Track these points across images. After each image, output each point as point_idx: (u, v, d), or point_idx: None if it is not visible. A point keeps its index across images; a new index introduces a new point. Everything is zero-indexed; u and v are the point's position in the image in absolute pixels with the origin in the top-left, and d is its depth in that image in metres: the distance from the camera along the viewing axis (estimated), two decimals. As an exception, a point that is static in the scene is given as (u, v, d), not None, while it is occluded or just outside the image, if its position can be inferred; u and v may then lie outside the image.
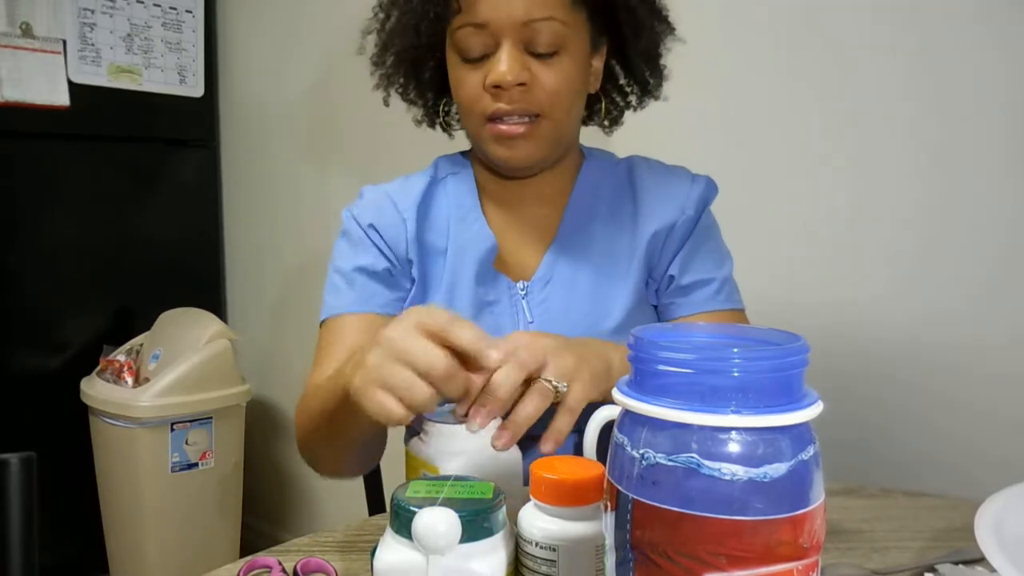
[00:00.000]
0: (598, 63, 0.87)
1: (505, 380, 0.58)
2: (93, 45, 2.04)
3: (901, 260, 1.10)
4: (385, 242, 0.89)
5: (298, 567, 0.62)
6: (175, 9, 2.18)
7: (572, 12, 0.79)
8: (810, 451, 0.36)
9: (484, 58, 0.79)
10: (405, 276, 0.89)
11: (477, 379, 0.58)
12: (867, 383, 1.13)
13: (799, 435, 0.36)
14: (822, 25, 1.16)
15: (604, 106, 0.93)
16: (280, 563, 0.62)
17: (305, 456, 0.84)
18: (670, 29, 0.89)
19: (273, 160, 2.23)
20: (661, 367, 0.37)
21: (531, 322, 0.86)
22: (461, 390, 0.57)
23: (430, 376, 0.55)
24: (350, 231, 0.91)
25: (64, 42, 1.98)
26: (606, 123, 0.96)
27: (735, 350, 0.36)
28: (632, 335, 0.40)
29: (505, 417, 0.61)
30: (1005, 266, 1.02)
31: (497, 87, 0.78)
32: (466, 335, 0.57)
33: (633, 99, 0.94)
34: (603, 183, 0.91)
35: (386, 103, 0.92)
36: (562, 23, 0.78)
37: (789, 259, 1.21)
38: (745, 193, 1.22)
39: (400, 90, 0.92)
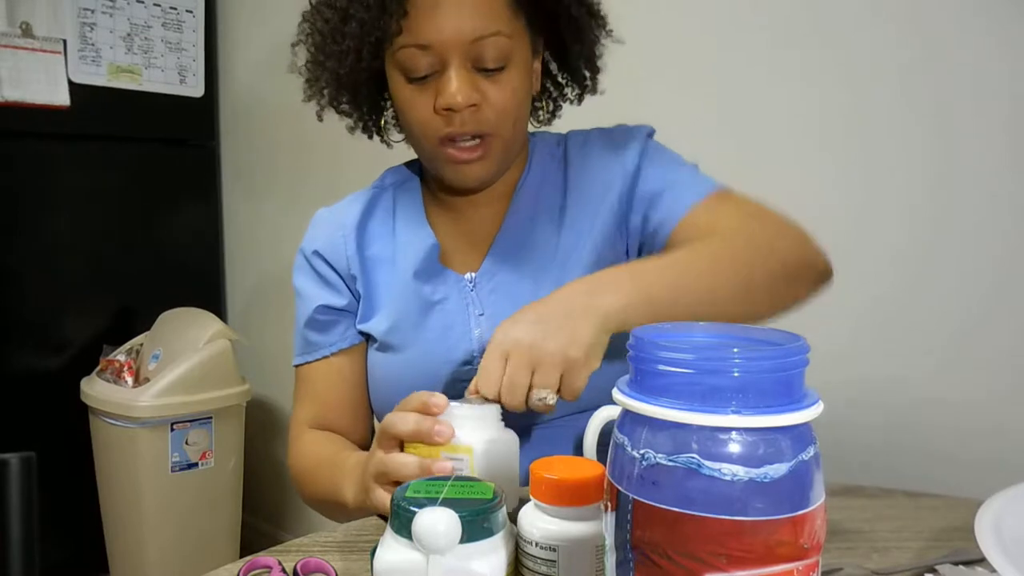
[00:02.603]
0: (537, 64, 0.86)
1: (510, 406, 0.66)
2: (93, 45, 2.04)
3: (903, 259, 1.10)
4: (329, 264, 0.90)
5: (298, 567, 0.62)
6: (175, 9, 2.18)
7: (513, 22, 0.79)
8: (810, 451, 0.36)
9: (430, 77, 0.78)
10: (352, 292, 0.90)
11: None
12: (867, 382, 1.13)
13: (799, 435, 0.36)
14: (822, 23, 1.16)
15: (544, 105, 0.93)
16: (280, 563, 0.62)
17: (304, 501, 0.91)
18: (607, 31, 0.88)
19: (273, 160, 2.23)
20: (661, 367, 0.37)
21: (481, 314, 0.85)
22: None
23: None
24: (300, 267, 0.93)
25: (64, 42, 1.98)
26: (546, 118, 0.95)
27: (735, 350, 0.36)
28: (632, 335, 0.40)
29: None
30: (1009, 265, 1.02)
31: (449, 110, 0.77)
32: (409, 428, 0.64)
33: (569, 91, 0.93)
34: (548, 168, 0.91)
35: (319, 117, 0.90)
36: (507, 36, 0.77)
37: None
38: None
39: (334, 103, 0.89)
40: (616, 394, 0.39)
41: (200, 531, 1.88)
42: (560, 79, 0.93)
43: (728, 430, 0.35)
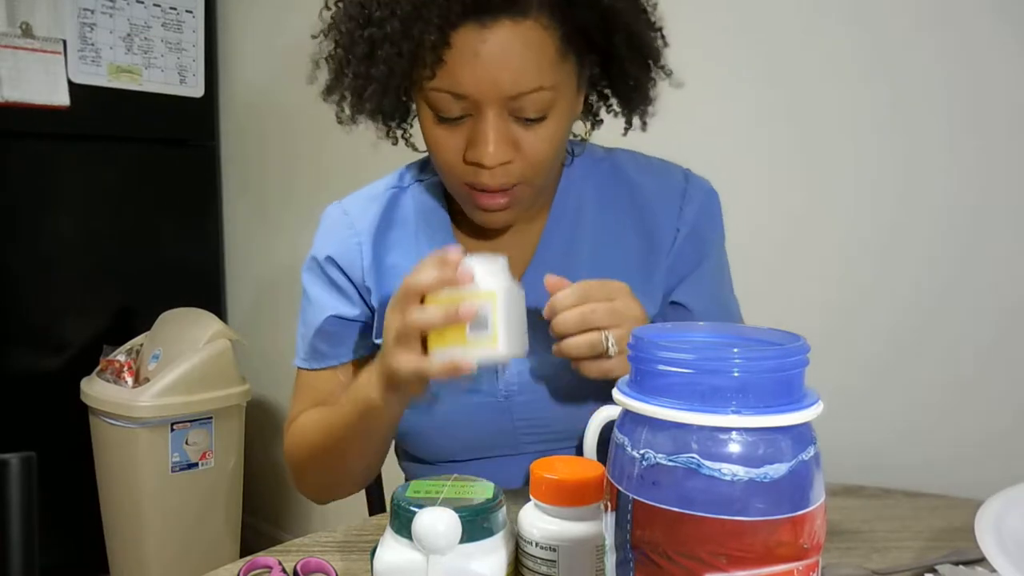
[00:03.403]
0: (583, 88, 0.78)
1: (564, 323, 0.68)
2: (93, 45, 2.04)
3: (904, 259, 1.10)
4: (344, 272, 0.85)
5: (298, 567, 0.62)
6: (175, 9, 2.18)
7: (560, 68, 0.70)
8: (810, 451, 0.36)
9: (462, 119, 0.71)
10: (366, 303, 0.86)
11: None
12: (868, 383, 1.13)
13: (799, 435, 0.36)
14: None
15: (585, 120, 0.87)
16: (280, 563, 0.62)
17: (304, 484, 0.89)
18: (665, 72, 0.80)
19: (273, 160, 2.23)
20: (661, 367, 0.37)
21: None
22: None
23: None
24: (311, 270, 0.88)
25: (64, 42, 1.98)
26: (585, 132, 0.89)
27: (735, 350, 0.36)
28: (632, 335, 0.40)
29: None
30: (1006, 265, 1.02)
31: (479, 165, 0.72)
32: (430, 277, 0.65)
33: (615, 103, 0.85)
34: (586, 187, 0.86)
35: (339, 119, 0.81)
36: (551, 90, 0.70)
37: (788, 258, 1.21)
38: (742, 191, 1.22)
39: (355, 110, 0.80)
40: (616, 394, 0.39)
41: (200, 531, 1.88)
42: (606, 91, 0.84)
43: (728, 430, 0.35)
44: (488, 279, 0.66)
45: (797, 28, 1.18)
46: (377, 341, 0.85)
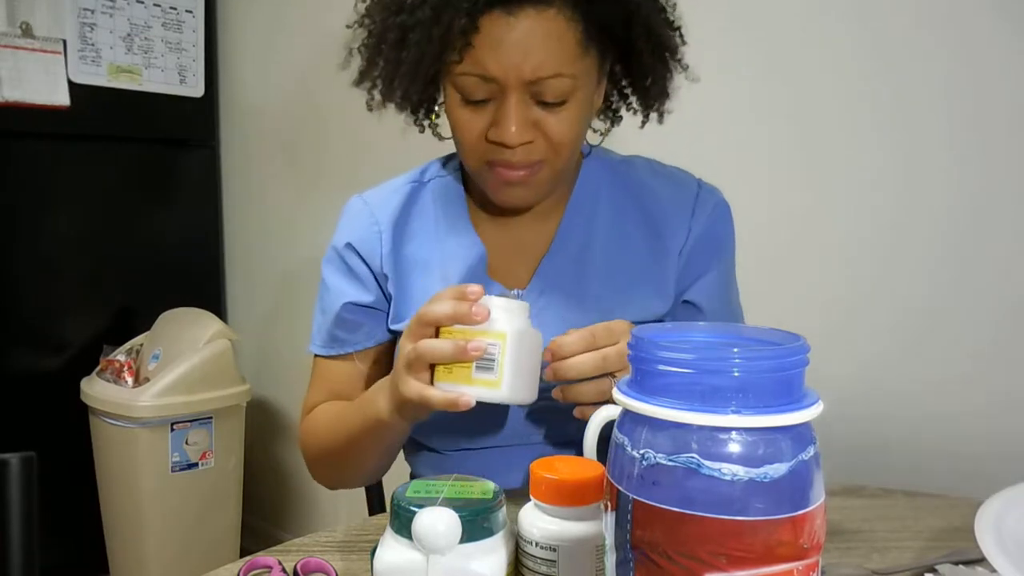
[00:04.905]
0: (603, 82, 0.82)
1: (576, 367, 0.68)
2: (93, 45, 2.04)
3: (904, 259, 1.10)
4: (362, 259, 0.88)
5: (298, 567, 0.62)
6: (175, 9, 2.18)
7: (580, 60, 0.74)
8: (810, 451, 0.36)
9: (487, 101, 0.75)
10: (382, 290, 0.88)
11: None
12: (868, 383, 1.12)
13: (799, 435, 0.36)
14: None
15: (605, 116, 0.89)
16: (280, 563, 0.62)
17: (316, 475, 0.90)
18: (682, 66, 0.83)
19: (273, 160, 2.23)
20: (661, 367, 0.37)
21: None
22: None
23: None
24: (330, 260, 0.90)
25: (64, 42, 1.98)
26: (604, 130, 0.91)
27: (735, 350, 0.36)
28: (632, 335, 0.40)
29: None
30: (1006, 265, 1.02)
31: (501, 144, 0.75)
32: (444, 310, 0.66)
33: (635, 101, 0.88)
34: (602, 186, 0.88)
35: (369, 107, 0.84)
36: (570, 77, 0.73)
37: (788, 258, 1.21)
38: (741, 190, 1.22)
39: (385, 97, 0.83)
40: (616, 394, 0.39)
41: (200, 531, 1.88)
42: (625, 90, 0.87)
43: (728, 430, 0.35)
44: (503, 320, 0.66)
45: (797, 26, 1.18)
46: (394, 327, 0.88)
